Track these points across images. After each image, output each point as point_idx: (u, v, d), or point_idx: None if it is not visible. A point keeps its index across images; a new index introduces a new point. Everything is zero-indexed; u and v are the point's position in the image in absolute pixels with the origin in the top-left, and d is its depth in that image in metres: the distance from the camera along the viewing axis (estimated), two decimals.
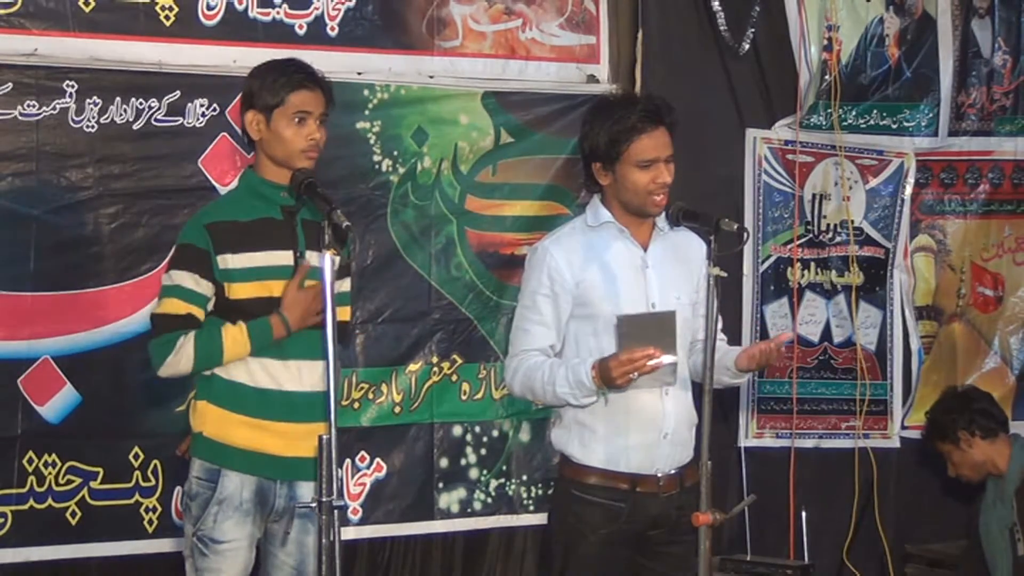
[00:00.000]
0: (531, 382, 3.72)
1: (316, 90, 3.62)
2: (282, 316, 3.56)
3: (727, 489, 5.31)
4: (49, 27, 4.36)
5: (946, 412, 4.95)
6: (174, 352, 3.54)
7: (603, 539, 3.72)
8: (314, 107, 3.60)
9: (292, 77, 3.60)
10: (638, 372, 3.49)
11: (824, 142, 5.60)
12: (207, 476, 3.59)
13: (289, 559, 3.66)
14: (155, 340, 3.59)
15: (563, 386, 3.64)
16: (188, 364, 3.56)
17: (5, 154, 4.34)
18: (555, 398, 3.69)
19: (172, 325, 3.55)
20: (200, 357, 3.55)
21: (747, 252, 5.46)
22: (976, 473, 4.90)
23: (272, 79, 3.59)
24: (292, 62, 3.68)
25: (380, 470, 4.90)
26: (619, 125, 3.68)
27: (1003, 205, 5.95)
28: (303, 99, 3.59)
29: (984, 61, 5.81)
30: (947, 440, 4.90)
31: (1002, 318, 5.94)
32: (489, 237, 5.04)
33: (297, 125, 3.58)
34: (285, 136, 3.59)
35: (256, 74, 3.65)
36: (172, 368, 3.57)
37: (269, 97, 3.58)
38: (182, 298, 3.56)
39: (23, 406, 4.36)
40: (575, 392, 3.63)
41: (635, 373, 3.50)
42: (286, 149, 3.59)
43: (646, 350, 3.47)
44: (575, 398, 3.65)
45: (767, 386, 5.57)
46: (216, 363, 3.57)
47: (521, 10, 5.08)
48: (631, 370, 3.49)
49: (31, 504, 4.38)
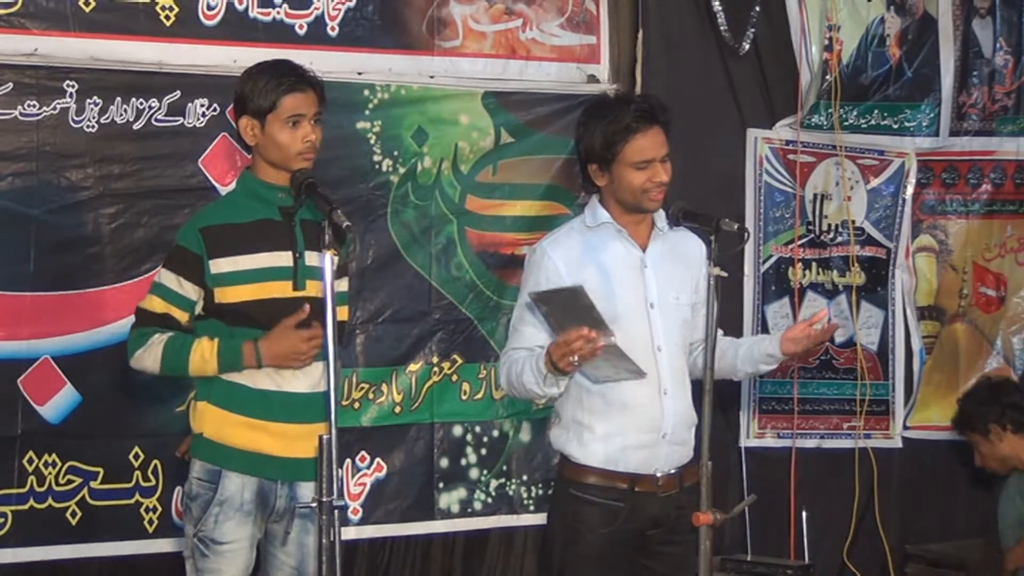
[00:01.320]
0: (509, 376, 3.72)
1: (308, 91, 3.60)
2: (257, 348, 3.55)
3: (728, 489, 5.31)
4: (49, 27, 4.36)
5: (978, 403, 4.99)
6: (144, 347, 3.59)
7: (602, 539, 3.71)
8: (307, 108, 3.59)
9: (282, 81, 3.57)
10: (578, 356, 3.45)
11: (825, 142, 5.60)
12: (208, 477, 3.59)
13: (289, 559, 3.66)
14: (133, 331, 3.65)
15: (528, 375, 3.63)
16: (155, 365, 3.59)
17: (5, 154, 4.33)
18: (526, 390, 3.67)
19: (150, 321, 3.60)
20: (166, 361, 3.58)
21: (748, 252, 5.46)
22: (1002, 466, 4.93)
23: (263, 84, 3.57)
24: (281, 64, 3.66)
25: (380, 470, 4.90)
26: (614, 126, 3.67)
27: (1005, 205, 5.94)
28: (296, 102, 3.58)
29: (985, 61, 5.81)
30: (976, 431, 4.93)
31: (1004, 318, 5.93)
32: (489, 237, 5.04)
33: (292, 128, 3.58)
34: (280, 140, 3.58)
35: (246, 79, 3.63)
36: (140, 362, 3.62)
37: (261, 102, 3.56)
38: (163, 297, 3.59)
39: (23, 406, 4.36)
40: (538, 380, 3.60)
41: (575, 357, 3.45)
42: (282, 153, 3.59)
43: (580, 331, 3.43)
44: (539, 387, 3.62)
45: (768, 386, 5.57)
46: (182, 373, 3.60)
47: (521, 10, 5.07)
48: (567, 352, 3.45)
49: (31, 504, 4.38)
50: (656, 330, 3.75)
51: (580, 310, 3.45)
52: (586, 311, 3.45)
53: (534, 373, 3.60)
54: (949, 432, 5.59)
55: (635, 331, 3.69)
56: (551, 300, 3.51)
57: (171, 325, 3.59)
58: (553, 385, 3.62)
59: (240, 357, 3.55)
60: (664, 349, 3.76)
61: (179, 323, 3.60)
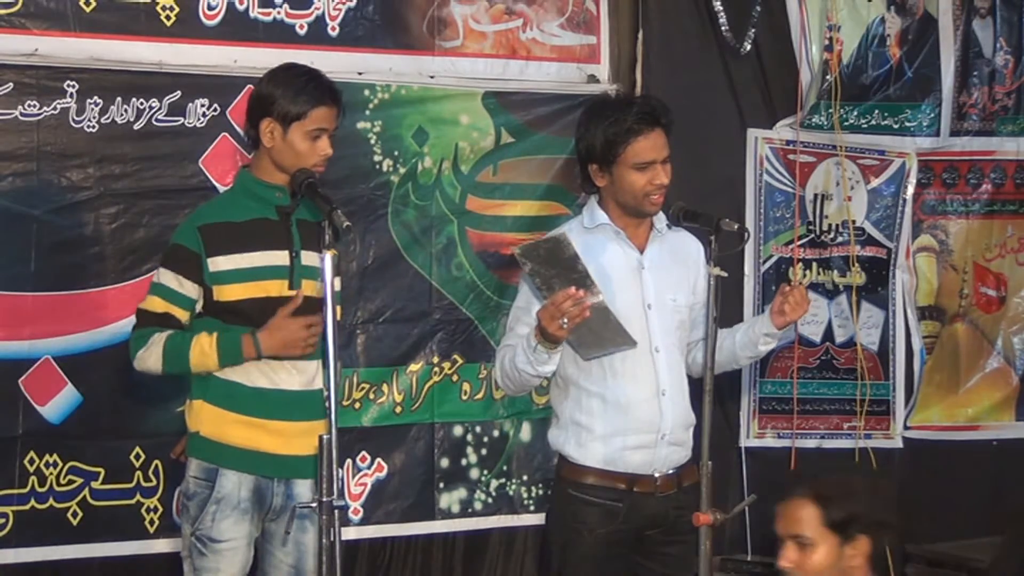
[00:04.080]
0: (503, 366, 3.71)
1: (334, 107, 3.62)
2: (255, 337, 3.55)
3: (728, 489, 5.31)
4: (50, 27, 4.36)
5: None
6: (146, 347, 3.59)
7: (600, 539, 3.72)
8: (330, 124, 3.61)
9: (315, 92, 3.58)
10: (567, 317, 3.42)
11: (825, 142, 5.60)
12: (204, 475, 3.60)
13: (287, 558, 3.67)
14: (134, 332, 3.65)
15: (520, 356, 3.60)
16: (157, 364, 3.59)
17: (6, 154, 4.34)
18: (519, 373, 3.64)
19: (150, 321, 3.60)
20: (167, 359, 3.58)
21: (748, 252, 5.46)
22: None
23: (295, 91, 3.57)
24: (313, 73, 3.66)
25: (381, 470, 4.90)
26: (615, 127, 3.67)
27: (1005, 205, 5.95)
28: (323, 116, 3.59)
29: (986, 61, 5.81)
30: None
31: (1005, 318, 5.93)
32: (490, 237, 5.04)
33: (312, 141, 3.58)
34: (299, 150, 3.58)
35: (276, 80, 3.62)
36: (143, 363, 3.61)
37: (291, 108, 3.56)
38: (163, 297, 3.59)
39: (24, 406, 4.36)
40: (529, 358, 3.57)
41: (564, 319, 3.43)
42: (297, 161, 3.58)
43: (567, 291, 3.41)
44: (532, 365, 3.58)
45: (768, 386, 5.57)
46: (183, 369, 3.59)
47: (522, 10, 5.08)
48: (556, 315, 3.43)
49: (32, 504, 4.38)
50: (654, 331, 3.75)
51: (565, 262, 3.42)
52: (570, 262, 3.42)
53: (526, 352, 3.58)
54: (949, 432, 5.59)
55: (633, 332, 3.68)
56: (535, 253, 3.45)
57: (171, 324, 3.59)
58: (545, 361, 3.57)
59: (240, 349, 3.55)
60: (662, 350, 3.76)
61: (180, 322, 3.60)
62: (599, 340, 3.62)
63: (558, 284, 3.44)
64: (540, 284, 3.48)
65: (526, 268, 3.50)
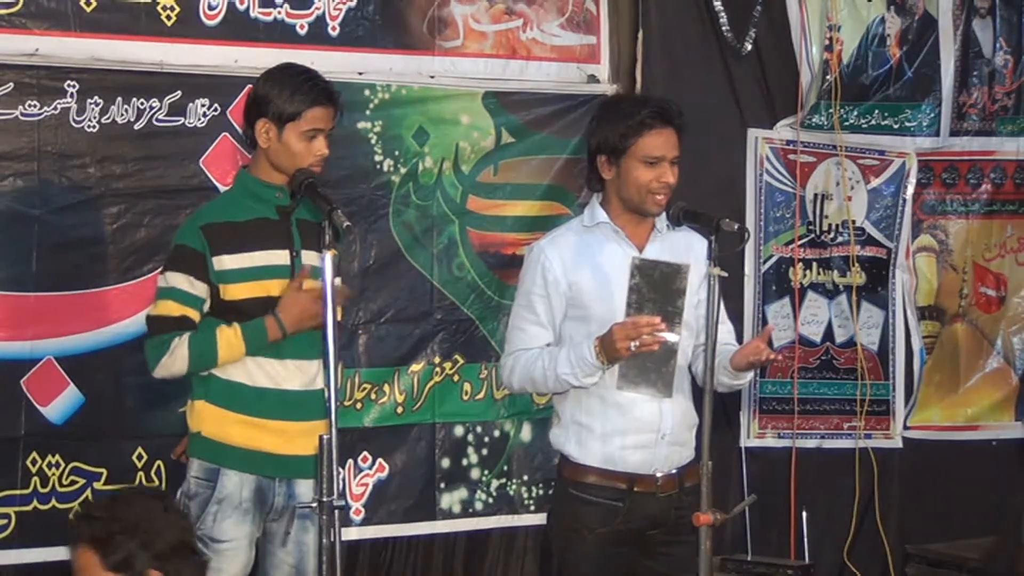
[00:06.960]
0: (531, 372, 3.73)
1: (330, 107, 3.62)
2: (277, 317, 3.56)
3: (728, 489, 5.31)
4: (50, 27, 4.35)
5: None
6: (168, 353, 3.56)
7: (601, 538, 3.73)
8: (326, 124, 3.61)
9: (310, 93, 3.58)
10: (639, 342, 3.47)
11: (825, 142, 5.60)
12: (206, 475, 3.60)
13: (288, 558, 3.67)
14: (150, 341, 3.61)
15: (564, 366, 3.65)
16: (183, 365, 3.57)
17: (6, 154, 4.33)
18: (556, 382, 3.69)
19: (167, 327, 3.57)
20: (194, 359, 3.56)
21: (748, 252, 5.46)
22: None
23: (290, 91, 3.58)
24: (309, 73, 3.66)
25: (382, 470, 4.90)
26: (631, 119, 3.72)
27: (1005, 205, 5.95)
28: (318, 116, 3.59)
29: (986, 61, 5.81)
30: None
31: (1005, 318, 5.94)
32: (491, 237, 5.04)
33: (308, 141, 3.59)
34: (295, 150, 3.59)
35: (272, 80, 3.63)
36: (166, 369, 3.58)
37: (286, 108, 3.57)
38: (177, 300, 3.57)
39: (26, 407, 4.35)
40: (576, 371, 3.63)
41: (635, 343, 3.47)
42: (292, 162, 3.59)
43: (652, 319, 3.47)
44: (576, 377, 3.64)
45: (769, 386, 5.57)
46: (211, 365, 3.58)
47: (522, 10, 5.08)
48: (633, 335, 3.48)
49: (35, 505, 4.38)
50: None
51: (671, 292, 3.50)
52: (674, 295, 3.51)
53: (572, 363, 3.63)
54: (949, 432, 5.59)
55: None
56: (650, 270, 3.54)
57: (187, 327, 3.58)
58: (591, 374, 3.63)
59: (264, 331, 3.56)
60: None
61: (194, 324, 3.60)
62: (643, 377, 3.66)
63: (648, 309, 3.48)
64: (633, 301, 3.53)
65: (633, 279, 3.55)
